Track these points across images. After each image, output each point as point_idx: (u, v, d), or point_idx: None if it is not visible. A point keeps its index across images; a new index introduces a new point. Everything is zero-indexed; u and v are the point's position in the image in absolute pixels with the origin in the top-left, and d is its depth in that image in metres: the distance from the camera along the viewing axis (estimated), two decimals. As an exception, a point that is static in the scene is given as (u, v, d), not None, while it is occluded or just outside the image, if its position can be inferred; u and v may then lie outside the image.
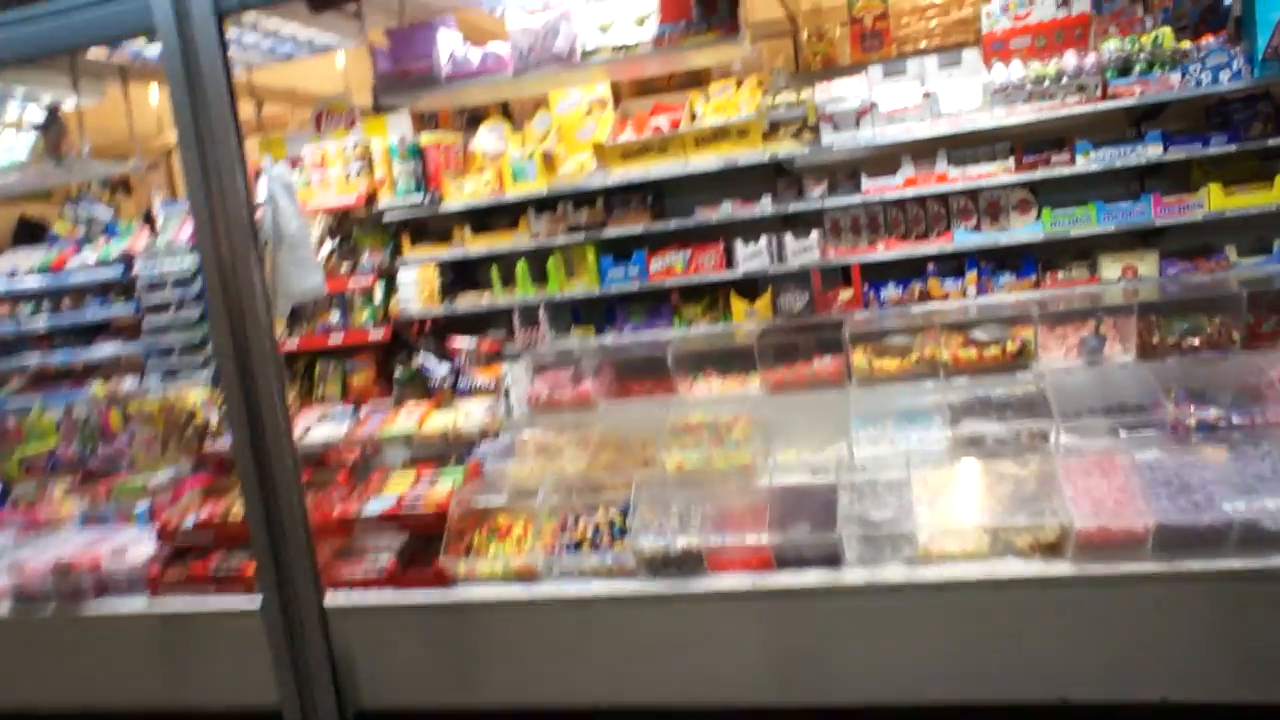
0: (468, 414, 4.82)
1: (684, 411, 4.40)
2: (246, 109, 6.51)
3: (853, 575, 3.44)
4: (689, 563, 3.62)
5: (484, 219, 5.68)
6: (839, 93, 4.87)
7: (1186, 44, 4.32)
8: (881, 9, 5.48)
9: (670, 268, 5.11)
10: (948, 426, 3.93)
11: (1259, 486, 3.35)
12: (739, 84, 5.37)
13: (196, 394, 5.24)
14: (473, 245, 5.49)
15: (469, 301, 5.53)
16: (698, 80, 5.69)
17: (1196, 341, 4.06)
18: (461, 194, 5.39)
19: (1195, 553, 3.21)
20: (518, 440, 4.44)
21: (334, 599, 3.69)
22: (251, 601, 3.70)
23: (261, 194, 4.00)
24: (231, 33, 4.64)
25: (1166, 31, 4.31)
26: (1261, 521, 3.21)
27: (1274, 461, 3.46)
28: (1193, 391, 3.85)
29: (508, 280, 5.46)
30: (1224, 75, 4.28)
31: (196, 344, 5.61)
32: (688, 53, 4.15)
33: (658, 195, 5.35)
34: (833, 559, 3.50)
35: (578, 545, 3.76)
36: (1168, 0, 4.72)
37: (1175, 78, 4.32)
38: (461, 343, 5.22)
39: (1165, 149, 4.48)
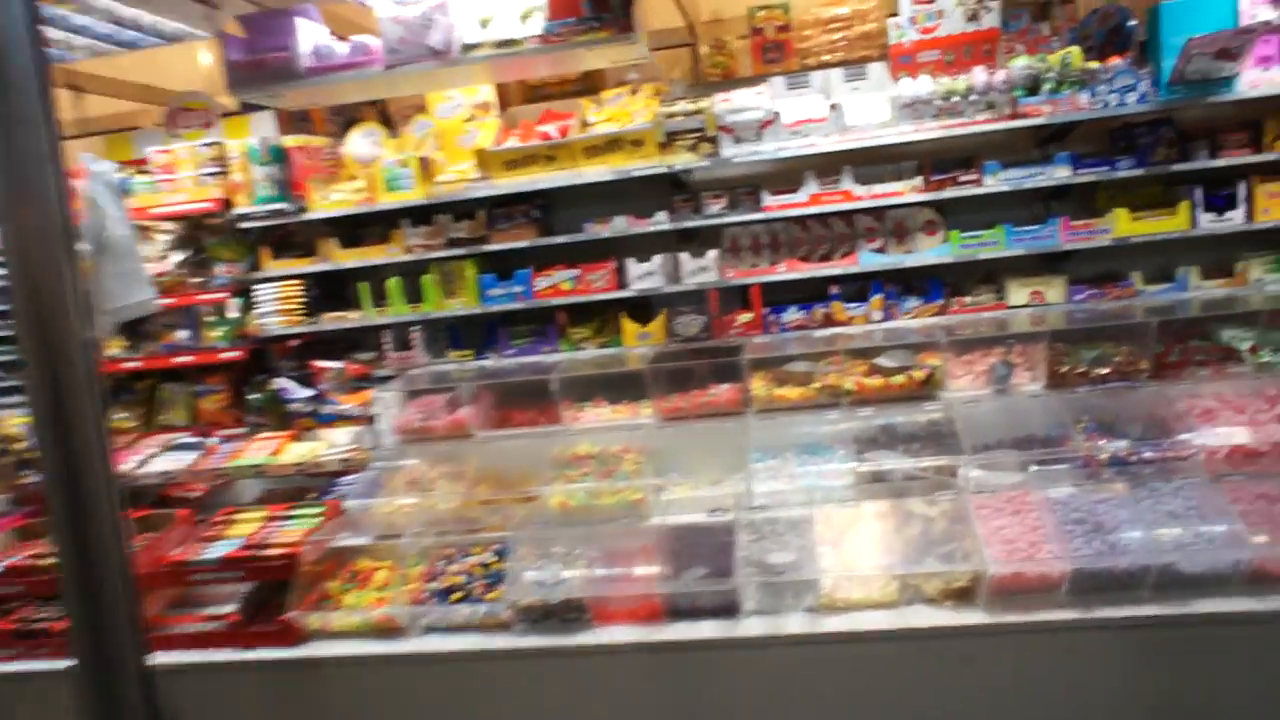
0: (330, 444, 4.47)
1: (570, 442, 4.21)
2: (102, 104, 6.05)
3: (751, 626, 3.24)
4: (571, 614, 3.36)
5: (354, 230, 5.33)
6: (740, 103, 4.72)
7: (1095, 64, 4.31)
8: (784, 20, 5.39)
9: (557, 286, 4.87)
10: (852, 460, 3.80)
11: (1173, 525, 3.29)
12: (634, 92, 5.18)
13: (17, 419, 4.74)
14: (341, 258, 5.14)
15: (336, 320, 5.17)
16: (591, 87, 5.49)
17: (1105, 371, 4.04)
18: (329, 202, 5.04)
19: (1111, 598, 3.15)
20: (385, 474, 4.14)
21: (164, 658, 3.27)
22: (61, 664, 3.27)
23: (85, 196, 3.58)
24: (53, 9, 4.22)
25: (1075, 51, 4.31)
26: (1177, 565, 3.15)
27: (1186, 499, 3.44)
28: (1103, 423, 3.84)
29: (379, 298, 5.12)
30: (1131, 98, 4.29)
31: (15, 362, 5.08)
32: (578, 53, 3.92)
33: (545, 208, 5.10)
34: (729, 608, 3.29)
35: (448, 594, 3.45)
36: (1073, 19, 4.73)
37: (1084, 98, 4.31)
38: (326, 365, 4.85)
39: (1075, 171, 4.45)
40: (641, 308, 4.99)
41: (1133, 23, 4.49)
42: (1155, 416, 3.84)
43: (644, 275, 4.82)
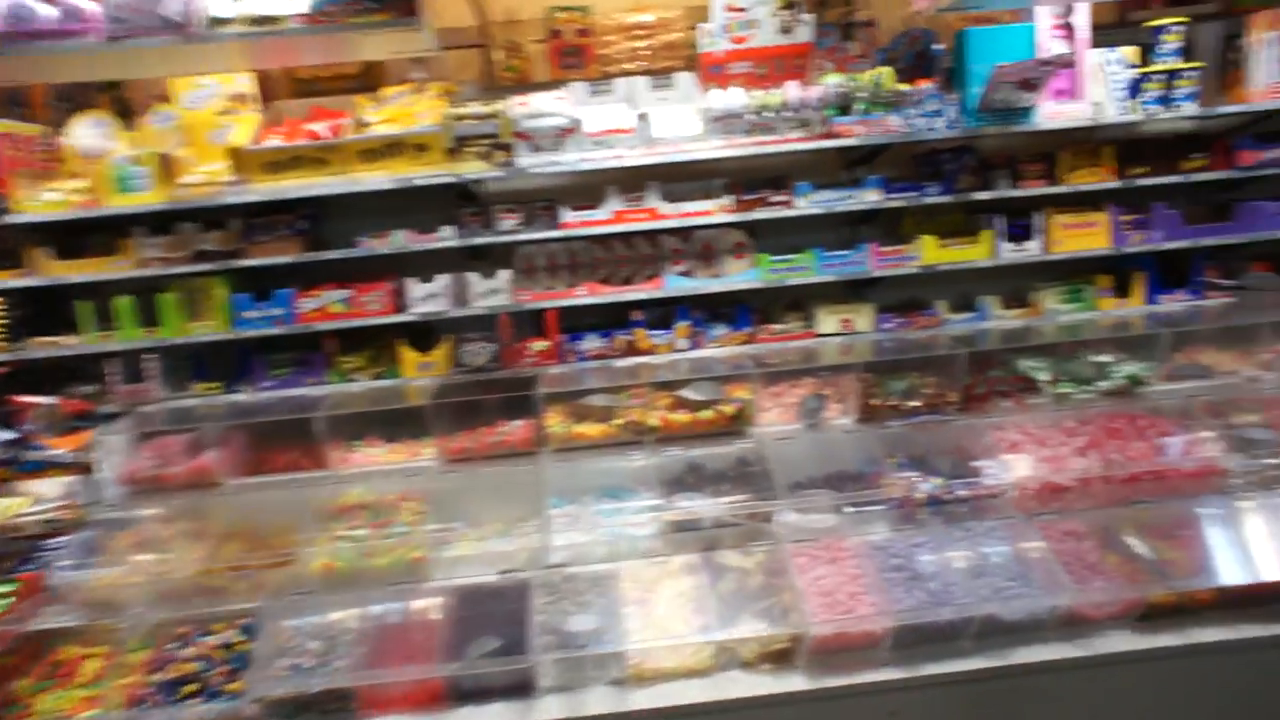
0: (35, 500, 3.75)
1: (338, 490, 3.83)
2: None
3: (549, 707, 2.90)
4: (334, 705, 2.90)
5: (74, 239, 4.57)
6: (539, 108, 4.39)
7: (905, 87, 4.27)
8: (584, 23, 5.12)
9: (325, 309, 4.34)
10: (659, 503, 3.55)
11: (991, 572, 3.25)
12: (419, 90, 4.73)
13: None
14: (56, 272, 4.38)
15: (47, 346, 4.40)
16: (369, 83, 5.01)
17: (916, 404, 4.02)
18: (41, 204, 4.28)
19: (932, 652, 3.10)
20: (105, 535, 3.54)
21: None
22: None
23: None
24: None
25: (888, 72, 4.26)
26: (999, 615, 3.08)
27: (1001, 540, 3.44)
28: (915, 459, 3.83)
29: (104, 319, 4.40)
30: (939, 123, 4.30)
31: None
32: (352, 38, 3.48)
33: (312, 219, 4.57)
34: (524, 687, 2.95)
35: (177, 686, 2.90)
36: (875, 42, 4.71)
37: (894, 121, 4.27)
38: (33, 401, 4.10)
39: (886, 195, 4.40)
40: (423, 334, 4.54)
41: (939, 47, 4.51)
42: (965, 451, 3.84)
43: (426, 297, 4.38)
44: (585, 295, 4.45)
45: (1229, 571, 3.25)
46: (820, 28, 4.60)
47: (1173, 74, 4.36)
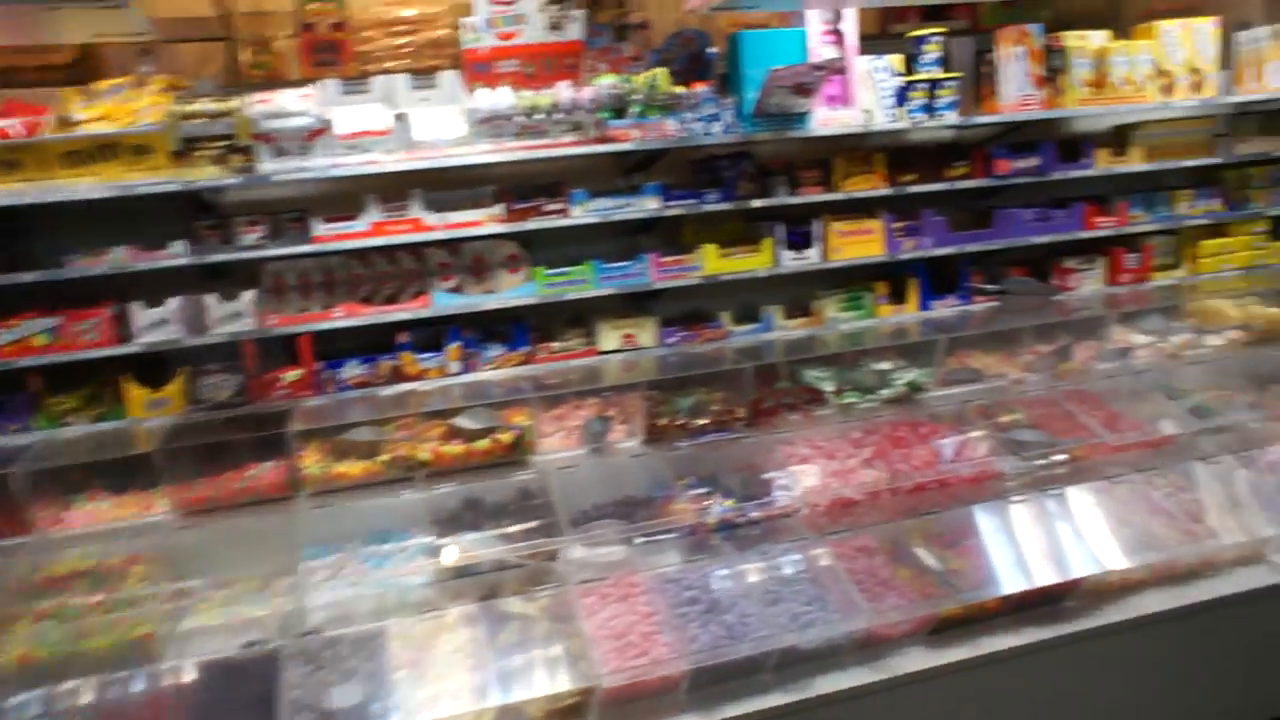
0: None
1: (49, 557, 3.34)
2: None
3: (304, 805, 2.51)
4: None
5: None
6: (282, 107, 3.95)
7: (681, 89, 4.15)
8: (339, 17, 4.71)
9: (27, 341, 3.74)
10: (433, 547, 3.24)
11: (788, 599, 3.16)
12: (141, 84, 4.17)
13: None
14: None
15: None
16: (82, 75, 4.38)
17: (704, 421, 3.92)
18: None
19: (732, 690, 2.95)
20: None
21: None
22: None
23: None
24: None
25: (663, 73, 4.14)
26: (798, 646, 2.99)
27: (793, 562, 3.36)
28: (705, 480, 3.73)
29: None
30: (716, 127, 4.22)
31: None
32: (45, 16, 2.95)
33: (8, 234, 3.93)
34: (273, 785, 2.54)
35: None
36: (650, 45, 4.59)
37: (671, 125, 4.15)
38: None
39: (665, 203, 4.27)
40: (153, 367, 4.00)
41: (713, 50, 4.43)
42: (756, 468, 3.78)
43: (155, 324, 3.86)
44: (343, 317, 4.04)
45: (1011, 578, 3.30)
46: (593, 27, 4.41)
47: (935, 83, 4.49)
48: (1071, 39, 4.69)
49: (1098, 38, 4.77)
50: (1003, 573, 3.34)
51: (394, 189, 4.11)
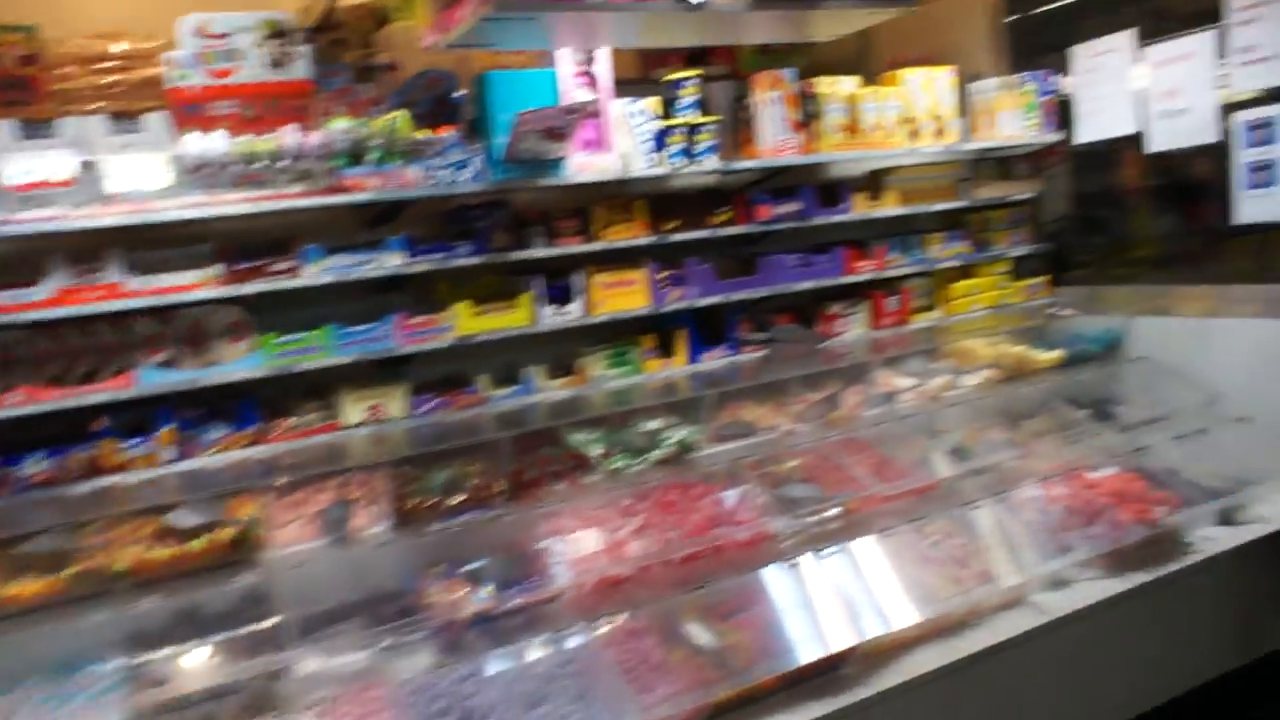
0: None
1: None
2: None
3: None
4: None
5: None
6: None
7: (425, 134, 3.83)
8: (30, 49, 4.11)
9: None
10: (129, 682, 2.73)
11: (551, 695, 2.89)
12: None
13: None
14: None
15: None
16: None
17: (460, 499, 3.58)
18: None
19: None
20: None
21: None
22: None
23: None
24: None
25: (403, 115, 3.79)
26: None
27: (557, 655, 3.10)
28: (460, 565, 3.37)
29: None
30: (464, 175, 3.93)
31: None
32: None
33: None
34: None
35: None
36: (396, 83, 4.25)
37: (414, 172, 3.81)
38: None
39: (411, 258, 3.92)
40: None
41: (460, 93, 4.14)
42: (517, 548, 3.49)
43: None
44: (24, 403, 3.41)
45: (786, 650, 3.16)
46: (325, 67, 4.03)
47: (694, 128, 4.39)
48: (824, 85, 4.73)
49: (848, 84, 4.84)
50: (779, 643, 3.19)
51: (87, 249, 3.55)
